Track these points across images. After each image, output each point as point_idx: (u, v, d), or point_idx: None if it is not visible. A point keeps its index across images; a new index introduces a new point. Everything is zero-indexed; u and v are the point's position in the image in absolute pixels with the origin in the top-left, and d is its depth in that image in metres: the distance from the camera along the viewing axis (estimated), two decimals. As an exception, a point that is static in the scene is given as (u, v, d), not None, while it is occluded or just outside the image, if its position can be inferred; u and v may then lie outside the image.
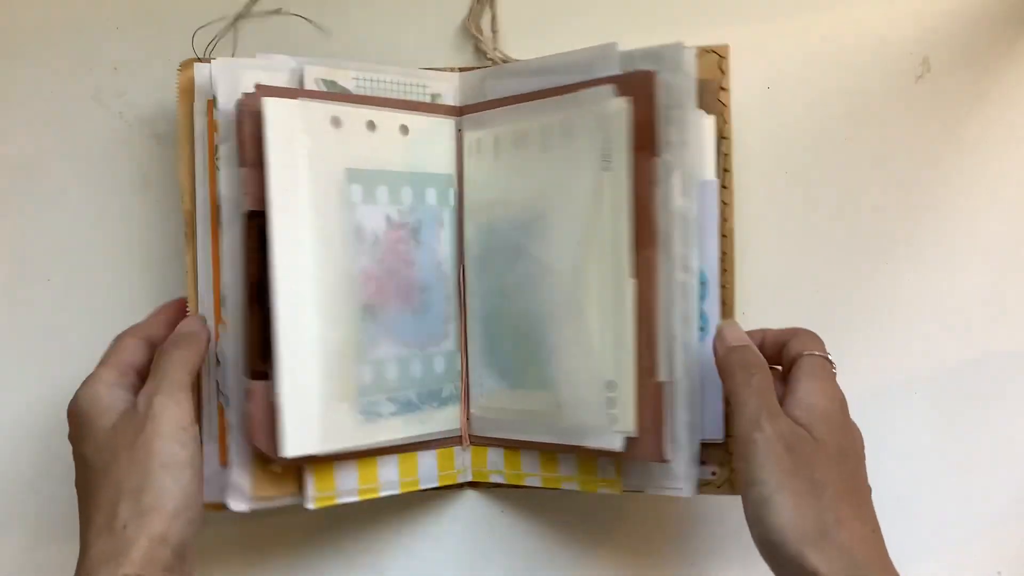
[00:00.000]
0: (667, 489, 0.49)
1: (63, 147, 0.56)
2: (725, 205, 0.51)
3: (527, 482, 0.52)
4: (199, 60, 0.50)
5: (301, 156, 0.47)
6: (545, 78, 0.50)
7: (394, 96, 0.51)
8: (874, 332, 0.56)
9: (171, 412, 0.43)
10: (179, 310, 0.50)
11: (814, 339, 0.46)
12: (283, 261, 0.46)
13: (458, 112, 0.53)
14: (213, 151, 0.48)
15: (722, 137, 0.51)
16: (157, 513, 0.40)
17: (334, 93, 0.50)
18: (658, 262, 0.47)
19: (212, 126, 0.48)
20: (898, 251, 0.56)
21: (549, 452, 0.51)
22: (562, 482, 0.51)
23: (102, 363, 0.46)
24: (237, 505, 0.47)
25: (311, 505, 0.48)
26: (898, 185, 0.56)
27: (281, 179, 0.46)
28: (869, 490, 0.43)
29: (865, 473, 0.44)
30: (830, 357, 0.46)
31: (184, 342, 0.46)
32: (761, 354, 0.45)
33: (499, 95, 0.51)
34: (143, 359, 0.47)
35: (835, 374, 0.45)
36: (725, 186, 0.51)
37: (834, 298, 0.56)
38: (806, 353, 0.45)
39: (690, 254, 0.48)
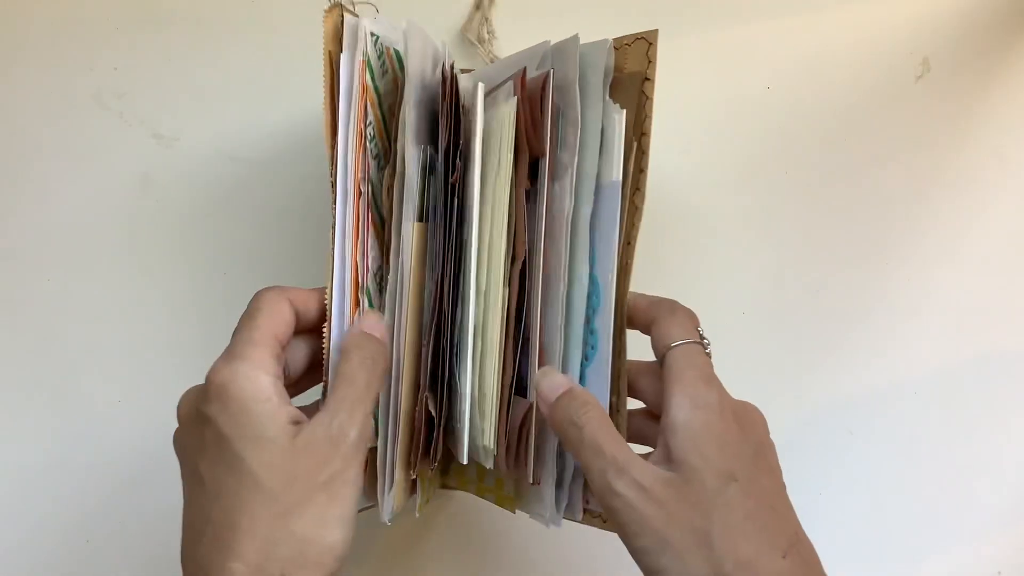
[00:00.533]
0: (537, 515, 0.44)
1: (63, 147, 0.56)
2: (636, 209, 0.43)
3: (470, 489, 0.49)
4: (343, 7, 0.42)
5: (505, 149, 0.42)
6: (498, 78, 0.46)
7: None
8: (874, 332, 0.56)
9: (363, 456, 0.36)
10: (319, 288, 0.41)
11: (676, 319, 0.41)
12: (483, 256, 0.42)
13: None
14: (363, 116, 0.41)
15: (642, 134, 0.43)
16: (319, 571, 0.34)
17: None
18: (534, 271, 0.42)
19: (364, 88, 0.41)
20: (898, 251, 0.56)
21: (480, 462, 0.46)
22: (485, 494, 0.48)
23: (266, 339, 0.37)
24: (385, 517, 0.43)
25: (417, 513, 0.46)
26: (898, 185, 0.56)
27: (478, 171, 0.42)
28: (780, 489, 0.38)
29: (763, 477, 0.37)
30: (701, 335, 0.40)
31: (379, 356, 0.39)
32: (586, 392, 0.40)
33: None
34: (289, 335, 0.39)
35: (708, 356, 0.40)
36: (639, 188, 0.43)
37: (834, 298, 0.56)
38: (673, 345, 0.39)
39: (577, 263, 0.42)
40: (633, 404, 0.43)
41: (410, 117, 0.41)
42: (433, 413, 0.41)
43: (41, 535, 0.56)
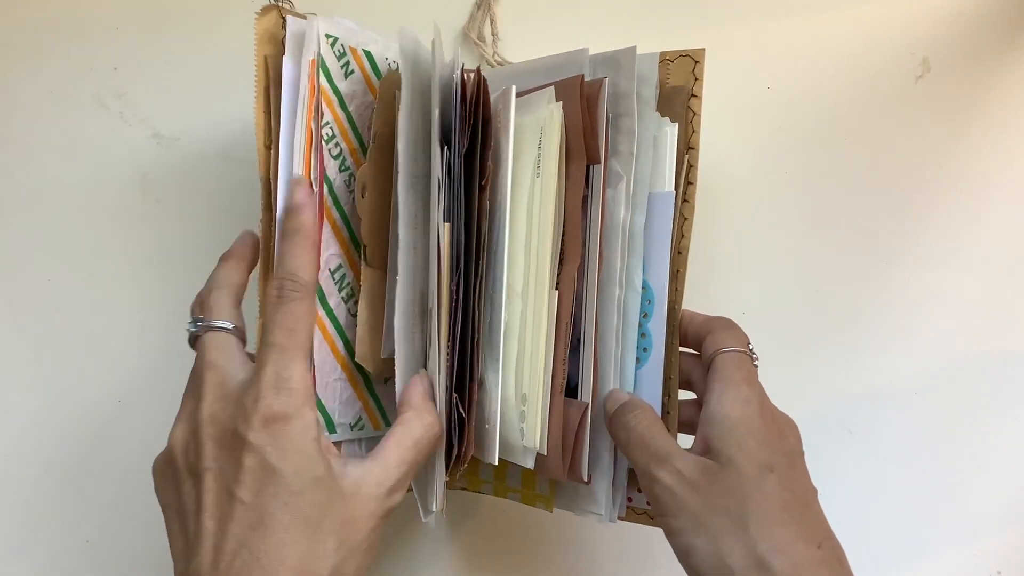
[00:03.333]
0: (589, 512, 0.45)
1: (63, 147, 0.56)
2: (684, 220, 0.45)
3: (482, 489, 0.50)
4: (281, 9, 0.42)
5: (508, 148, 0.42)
6: (526, 81, 0.46)
7: None
8: (874, 332, 0.56)
9: (394, 503, 0.38)
10: (316, 235, 0.40)
11: (731, 332, 0.43)
12: (520, 258, 0.42)
13: None
14: (312, 117, 0.41)
15: (689, 148, 0.46)
16: None
17: None
18: (587, 275, 0.43)
19: (313, 90, 0.41)
20: (898, 251, 0.56)
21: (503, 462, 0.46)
22: (508, 493, 0.49)
23: (306, 365, 0.36)
24: (427, 518, 0.44)
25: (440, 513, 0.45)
26: (898, 185, 0.56)
27: (514, 170, 0.42)
28: (813, 493, 0.39)
29: (802, 476, 0.39)
30: (750, 348, 0.42)
31: (426, 432, 0.39)
32: (642, 401, 0.42)
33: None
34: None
35: (755, 368, 0.42)
36: (687, 200, 0.46)
37: (834, 298, 0.56)
38: (721, 351, 0.41)
39: (631, 269, 0.44)
40: (684, 395, 0.45)
41: (433, 119, 0.41)
42: (464, 414, 0.41)
43: (41, 535, 0.56)
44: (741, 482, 0.37)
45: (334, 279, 0.43)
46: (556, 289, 0.43)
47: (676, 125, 0.45)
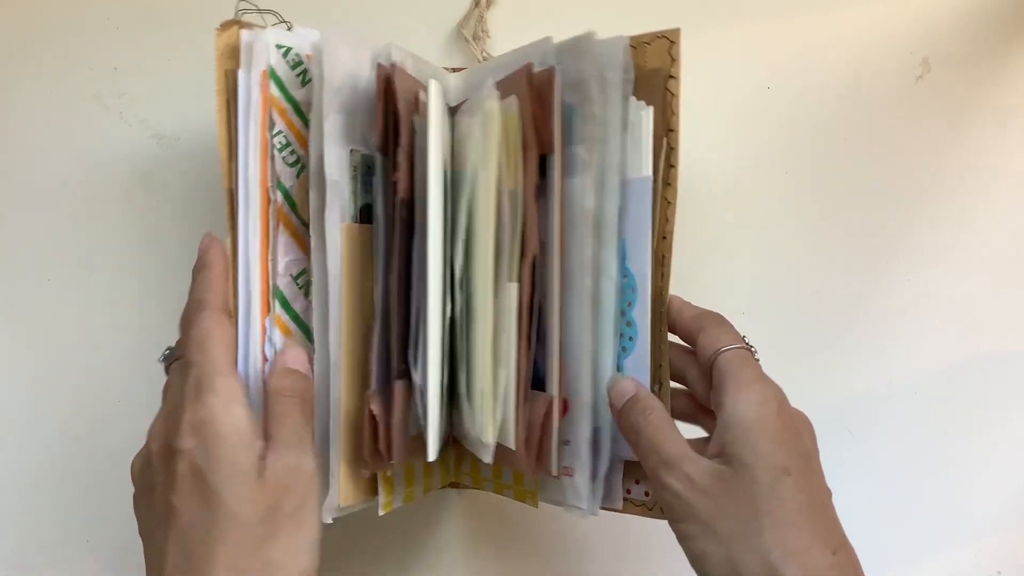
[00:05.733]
0: (572, 506, 0.45)
1: (63, 147, 0.56)
2: (668, 204, 0.44)
3: (485, 487, 0.50)
4: (241, 24, 0.43)
5: (438, 143, 0.42)
6: (498, 75, 0.45)
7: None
8: (874, 332, 0.56)
9: (320, 484, 0.38)
10: (226, 268, 0.42)
11: (724, 328, 0.42)
12: (437, 256, 0.41)
13: (451, 112, 0.52)
14: (266, 128, 0.43)
15: (669, 130, 0.44)
16: None
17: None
18: (546, 266, 0.42)
19: (266, 100, 0.43)
20: (898, 251, 0.56)
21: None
22: (503, 490, 0.49)
23: (228, 368, 0.38)
24: (326, 517, 0.42)
25: (381, 511, 0.45)
26: (898, 185, 0.56)
27: (436, 168, 0.41)
28: (828, 495, 0.39)
29: (818, 478, 0.39)
30: (747, 343, 0.42)
31: (306, 390, 0.40)
32: (651, 397, 0.41)
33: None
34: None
35: (758, 362, 0.41)
36: (669, 183, 0.44)
37: (834, 298, 0.56)
38: (722, 350, 0.41)
39: (605, 257, 0.43)
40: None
41: (327, 123, 0.42)
42: (375, 412, 0.41)
43: (41, 535, 0.56)
44: (755, 488, 0.36)
45: (297, 284, 0.44)
46: (513, 282, 0.42)
47: (652, 108, 0.44)
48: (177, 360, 0.39)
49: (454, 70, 0.54)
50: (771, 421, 0.38)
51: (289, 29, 0.44)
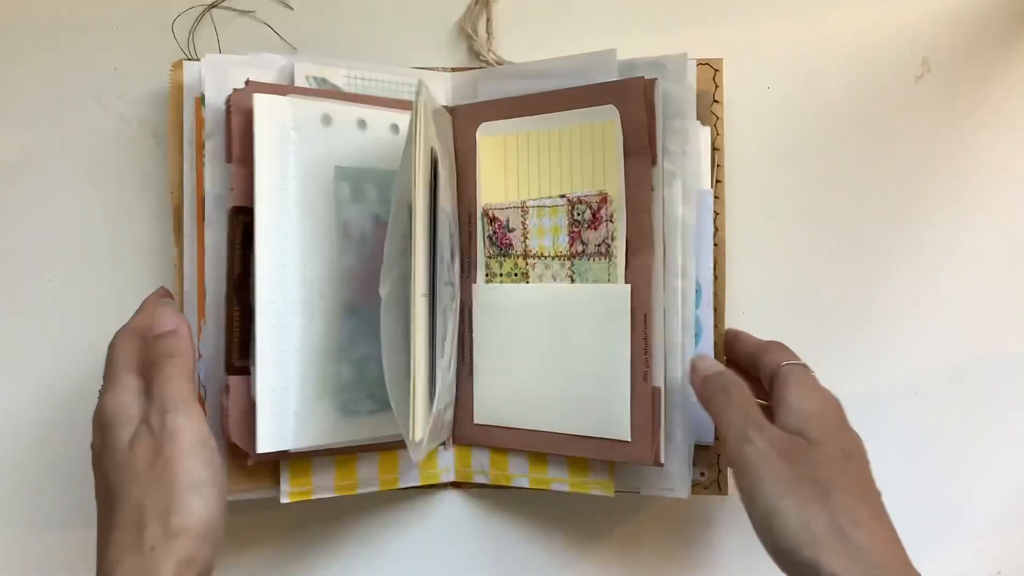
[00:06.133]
0: (662, 490, 0.49)
1: (63, 147, 0.56)
2: (717, 215, 0.51)
3: (514, 483, 0.52)
4: (189, 59, 0.50)
5: (290, 153, 0.47)
6: (542, 82, 0.50)
7: (385, 95, 0.51)
8: (875, 333, 0.56)
9: (189, 429, 0.41)
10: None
11: (788, 351, 0.47)
12: (267, 257, 0.46)
13: (450, 112, 0.53)
14: (200, 147, 0.48)
15: (714, 148, 0.51)
16: (185, 535, 0.39)
17: (324, 90, 0.50)
18: (654, 268, 0.47)
19: (200, 123, 0.48)
20: (898, 251, 0.56)
21: (538, 453, 0.51)
22: (552, 483, 0.51)
23: (124, 368, 0.44)
24: None
25: (285, 499, 0.49)
26: (898, 185, 0.56)
27: (269, 175, 0.46)
28: (879, 493, 0.42)
29: (872, 476, 0.43)
30: (806, 364, 0.46)
31: (175, 348, 0.44)
32: (736, 375, 0.46)
33: (491, 96, 0.51)
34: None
35: (815, 378, 0.46)
36: (717, 196, 0.51)
37: (835, 299, 0.56)
38: (785, 364, 0.46)
39: (688, 261, 0.48)
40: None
41: (208, 144, 0.48)
42: (225, 405, 0.48)
43: (41, 535, 0.56)
44: (826, 459, 0.40)
45: None
46: (627, 283, 0.47)
47: (708, 127, 0.50)
48: None
49: (454, 70, 0.54)
50: (831, 414, 0.43)
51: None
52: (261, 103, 0.46)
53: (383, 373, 0.46)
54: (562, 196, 0.49)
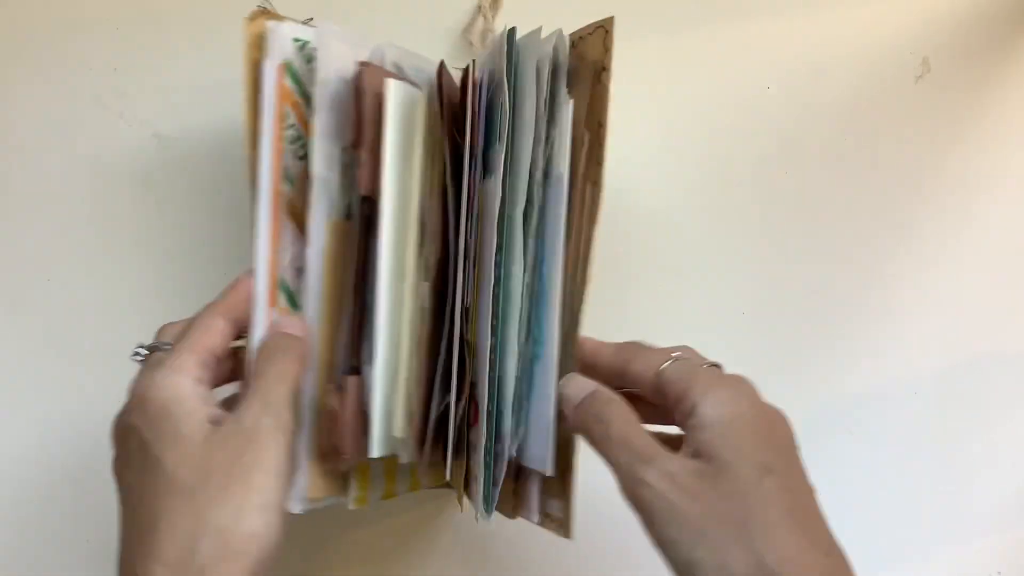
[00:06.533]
0: (477, 515, 0.43)
1: (63, 147, 0.56)
2: (592, 202, 0.42)
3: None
4: (268, 14, 0.43)
5: (416, 143, 0.43)
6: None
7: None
8: (874, 332, 0.56)
9: (280, 443, 0.36)
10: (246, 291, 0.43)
11: (651, 350, 0.40)
12: (393, 253, 0.42)
13: None
14: (280, 120, 0.43)
15: (599, 124, 0.42)
16: (243, 559, 0.34)
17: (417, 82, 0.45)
18: (458, 268, 0.42)
19: (284, 93, 0.43)
20: (898, 251, 0.56)
21: None
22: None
23: (184, 347, 0.38)
24: (294, 507, 0.43)
25: (352, 506, 0.45)
26: (898, 184, 0.56)
27: (398, 166, 0.42)
28: (811, 492, 0.36)
29: (800, 474, 0.36)
30: (674, 355, 0.40)
31: (290, 348, 0.40)
32: (613, 392, 0.39)
33: None
34: (224, 345, 0.40)
35: (716, 366, 0.39)
36: (595, 181, 0.41)
37: (833, 298, 0.56)
38: (663, 367, 0.39)
39: (509, 258, 0.42)
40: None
41: (316, 120, 0.42)
42: (331, 407, 0.42)
43: (41, 535, 0.56)
44: (740, 487, 0.34)
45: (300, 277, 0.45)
46: (425, 281, 0.42)
47: (572, 102, 0.41)
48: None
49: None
50: (748, 417, 0.36)
51: (306, 23, 0.44)
52: (395, 90, 0.41)
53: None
54: None
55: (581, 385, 0.40)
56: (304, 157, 0.44)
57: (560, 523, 0.43)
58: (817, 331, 0.56)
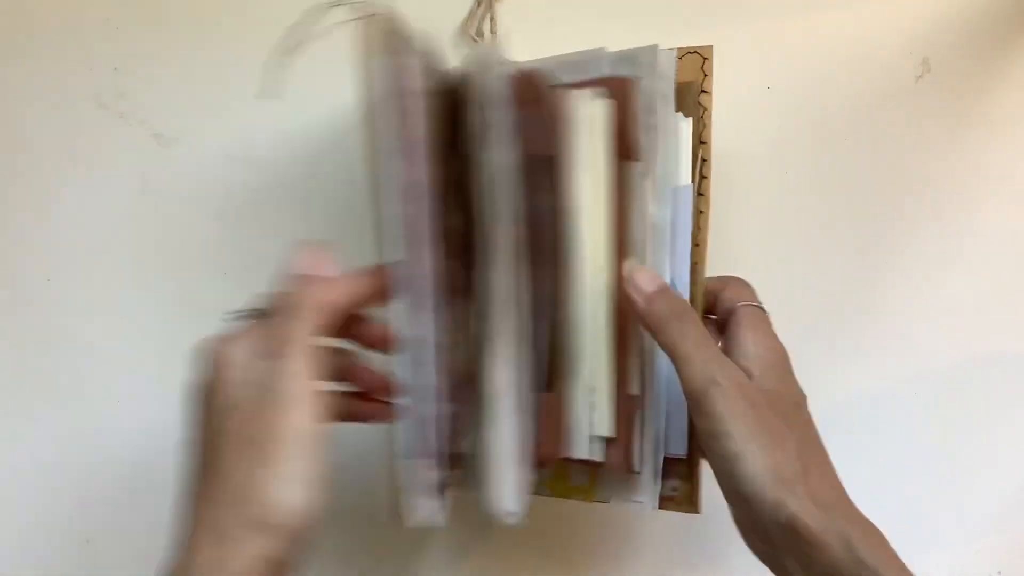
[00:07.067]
0: (631, 501, 0.47)
1: (63, 147, 0.56)
2: (700, 213, 0.47)
3: (543, 492, 0.50)
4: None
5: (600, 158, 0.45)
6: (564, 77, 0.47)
7: None
8: (875, 332, 0.56)
9: (299, 409, 0.36)
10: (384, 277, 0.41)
11: (747, 288, 0.45)
12: (585, 263, 0.45)
13: None
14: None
15: (701, 142, 0.47)
16: (267, 532, 0.34)
17: None
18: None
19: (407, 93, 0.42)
20: (898, 251, 0.56)
21: None
22: (572, 494, 0.50)
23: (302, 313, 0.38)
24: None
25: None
26: (898, 185, 0.56)
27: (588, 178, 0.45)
28: (821, 441, 0.42)
29: (815, 426, 0.42)
30: (764, 308, 0.45)
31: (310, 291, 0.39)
32: (680, 294, 0.43)
33: None
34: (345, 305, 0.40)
35: (771, 325, 0.44)
36: (702, 193, 0.47)
37: (835, 299, 0.56)
38: (742, 304, 0.44)
39: (661, 263, 0.46)
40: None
41: (495, 121, 0.42)
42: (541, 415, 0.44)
43: (41, 535, 0.56)
44: (786, 409, 0.39)
45: None
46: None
47: (690, 120, 0.46)
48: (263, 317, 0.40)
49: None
50: (784, 364, 0.42)
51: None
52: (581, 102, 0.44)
53: None
54: None
55: (655, 278, 0.43)
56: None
57: (682, 501, 0.47)
58: (817, 331, 0.56)
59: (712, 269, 0.55)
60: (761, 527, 0.38)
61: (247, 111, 0.55)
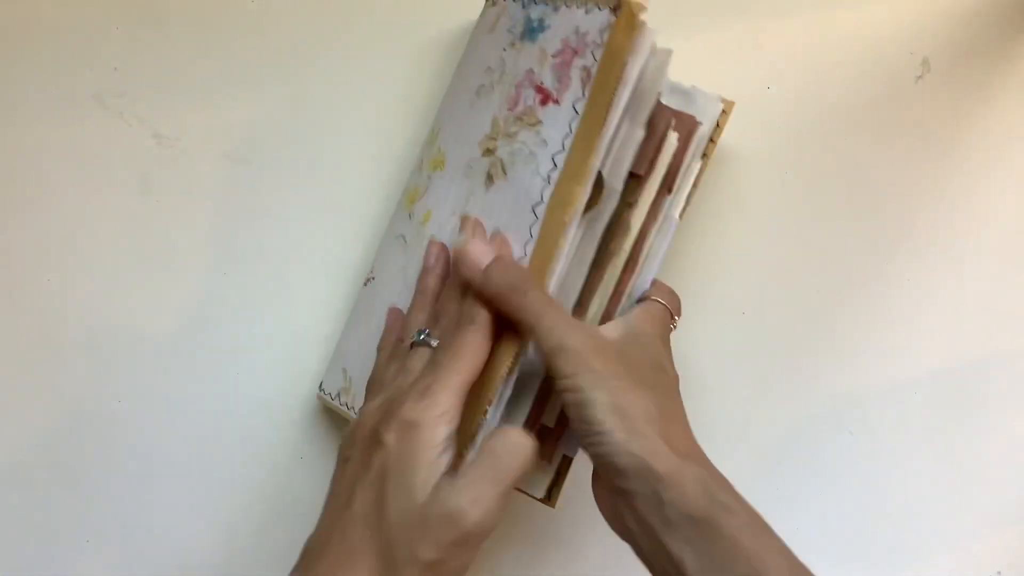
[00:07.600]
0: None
1: (63, 147, 0.56)
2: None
3: None
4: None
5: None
6: None
7: None
8: (874, 332, 0.56)
9: (475, 547, 0.36)
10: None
11: (672, 296, 0.46)
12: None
13: None
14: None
15: (693, 186, 0.48)
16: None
17: None
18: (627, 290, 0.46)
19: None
20: (898, 251, 0.56)
21: None
22: None
23: (452, 386, 0.38)
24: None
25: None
26: (898, 185, 0.56)
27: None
28: (683, 405, 0.42)
29: (679, 396, 0.42)
30: (675, 318, 0.45)
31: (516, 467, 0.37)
32: (517, 261, 0.41)
33: None
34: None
35: (671, 328, 0.45)
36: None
37: (835, 299, 0.56)
38: (653, 298, 0.45)
39: (636, 287, 0.46)
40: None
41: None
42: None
43: (41, 535, 0.56)
44: (643, 371, 0.39)
45: None
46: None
47: (701, 162, 0.47)
48: (425, 347, 0.41)
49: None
50: (658, 345, 0.43)
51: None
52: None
53: None
54: None
55: (484, 249, 0.41)
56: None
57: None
58: (817, 331, 0.56)
59: (712, 269, 0.56)
60: (619, 484, 0.37)
61: (247, 111, 0.55)
